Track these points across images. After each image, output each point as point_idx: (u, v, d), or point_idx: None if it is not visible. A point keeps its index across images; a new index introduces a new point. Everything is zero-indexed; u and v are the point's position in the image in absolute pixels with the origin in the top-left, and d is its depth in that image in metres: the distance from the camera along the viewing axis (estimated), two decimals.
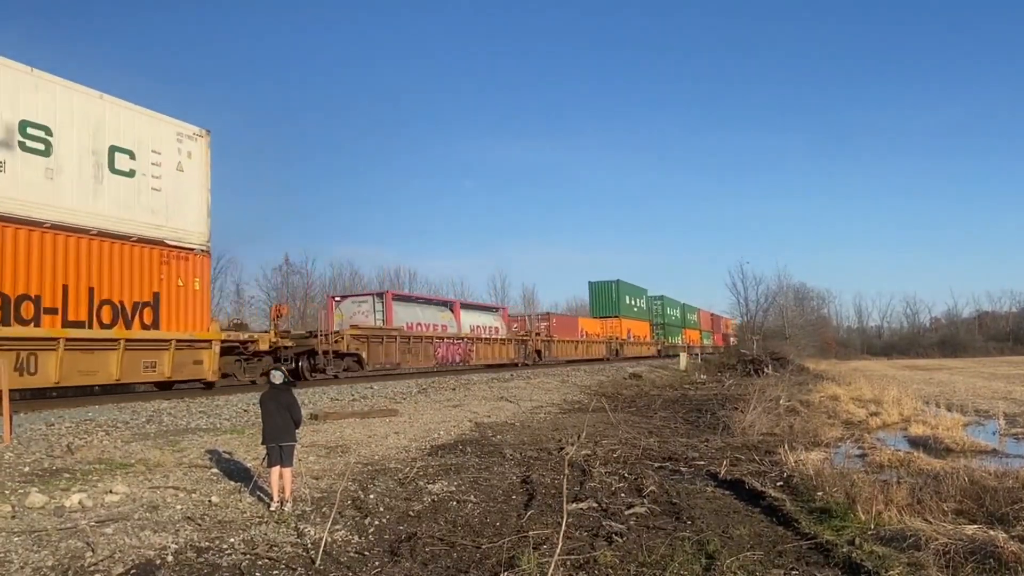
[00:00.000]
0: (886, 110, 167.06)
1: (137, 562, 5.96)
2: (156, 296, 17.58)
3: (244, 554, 6.33)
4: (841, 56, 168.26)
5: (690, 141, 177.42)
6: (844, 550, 6.38)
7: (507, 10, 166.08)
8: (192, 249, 18.74)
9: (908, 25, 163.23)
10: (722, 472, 10.41)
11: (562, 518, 6.91)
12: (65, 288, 15.50)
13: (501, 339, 40.67)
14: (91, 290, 16.07)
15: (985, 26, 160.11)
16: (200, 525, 7.08)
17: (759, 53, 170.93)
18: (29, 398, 16.62)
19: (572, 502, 8.32)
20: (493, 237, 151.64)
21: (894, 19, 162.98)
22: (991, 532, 6.48)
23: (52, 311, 15.20)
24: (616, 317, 57.11)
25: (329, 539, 6.72)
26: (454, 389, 22.89)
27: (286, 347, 23.15)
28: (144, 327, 17.16)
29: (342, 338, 26.53)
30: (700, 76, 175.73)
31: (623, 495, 9.17)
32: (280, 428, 7.76)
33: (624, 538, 7.07)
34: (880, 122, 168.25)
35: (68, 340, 15.24)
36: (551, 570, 5.76)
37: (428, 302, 37.86)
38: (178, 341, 17.92)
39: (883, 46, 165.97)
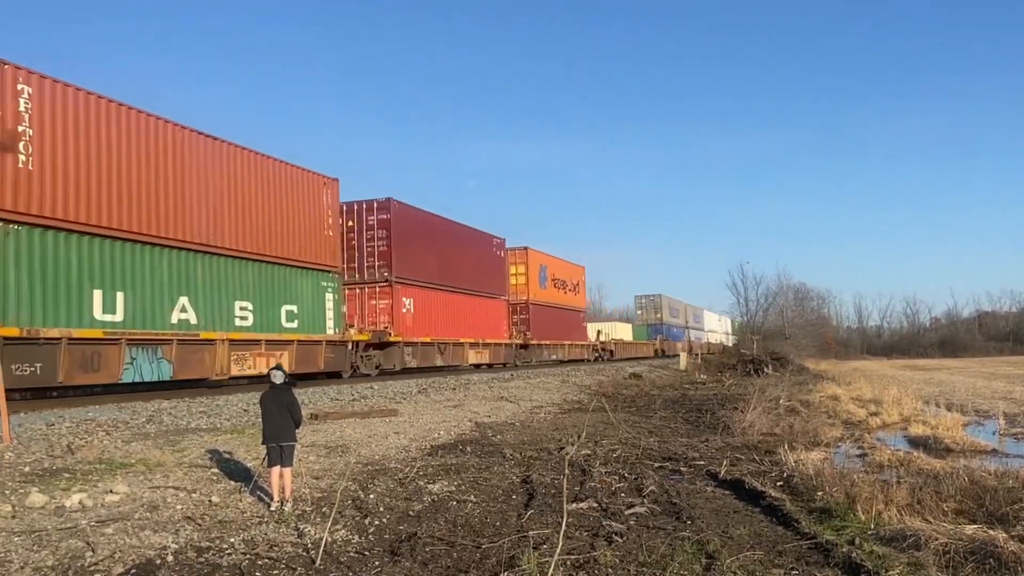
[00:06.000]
0: (886, 111, 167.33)
1: (137, 562, 5.96)
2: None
3: (244, 554, 6.33)
4: (842, 58, 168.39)
5: (691, 142, 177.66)
6: (844, 550, 6.37)
7: (510, 11, 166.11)
8: None
9: (908, 26, 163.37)
10: (722, 472, 10.41)
11: (562, 518, 6.90)
12: None
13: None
14: None
15: (985, 28, 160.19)
16: (200, 525, 7.08)
17: (760, 55, 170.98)
18: (29, 398, 16.64)
19: (572, 502, 8.31)
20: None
21: (894, 20, 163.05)
22: (991, 532, 6.47)
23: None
24: None
25: (329, 539, 6.72)
26: (454, 389, 22.88)
27: None
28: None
29: None
30: (701, 78, 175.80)
31: (623, 495, 9.17)
32: (280, 428, 7.76)
33: (624, 538, 7.06)
34: (880, 123, 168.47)
35: None
36: (551, 570, 5.76)
37: None
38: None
39: (883, 47, 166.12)
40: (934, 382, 34.41)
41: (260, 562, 6.16)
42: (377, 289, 28.92)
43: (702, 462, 11.52)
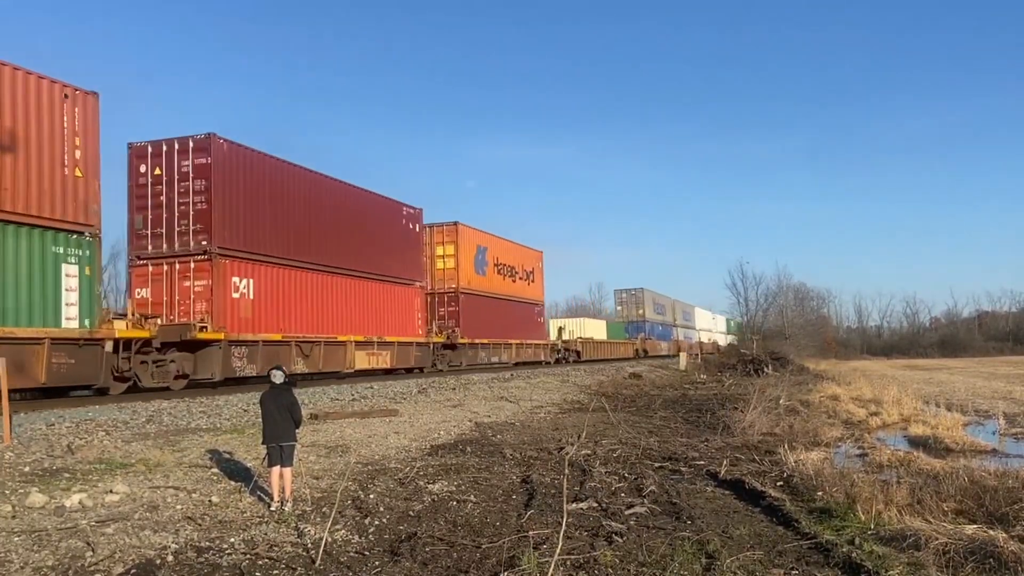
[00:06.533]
0: (886, 110, 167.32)
1: (137, 562, 5.96)
2: None
3: (244, 554, 6.33)
4: (841, 59, 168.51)
5: (691, 143, 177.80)
6: (844, 550, 6.37)
7: (511, 12, 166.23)
8: None
9: (906, 28, 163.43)
10: (722, 472, 10.41)
11: (562, 518, 6.90)
12: None
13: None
14: None
15: (984, 29, 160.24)
16: (200, 525, 7.08)
17: (759, 54, 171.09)
18: (30, 398, 16.63)
19: (572, 502, 8.31)
20: None
21: (892, 22, 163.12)
22: (991, 532, 6.47)
23: None
24: None
25: (329, 539, 6.72)
26: (454, 389, 22.89)
27: None
28: None
29: None
30: (701, 79, 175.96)
31: (623, 495, 9.17)
32: (280, 428, 7.77)
33: (624, 538, 7.07)
34: (880, 122, 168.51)
35: None
36: (551, 570, 5.76)
37: None
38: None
39: (882, 49, 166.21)
40: (934, 382, 34.40)
41: (260, 562, 6.16)
42: (192, 265, 20.56)
43: (702, 462, 11.52)
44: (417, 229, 32.01)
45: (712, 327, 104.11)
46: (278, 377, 7.97)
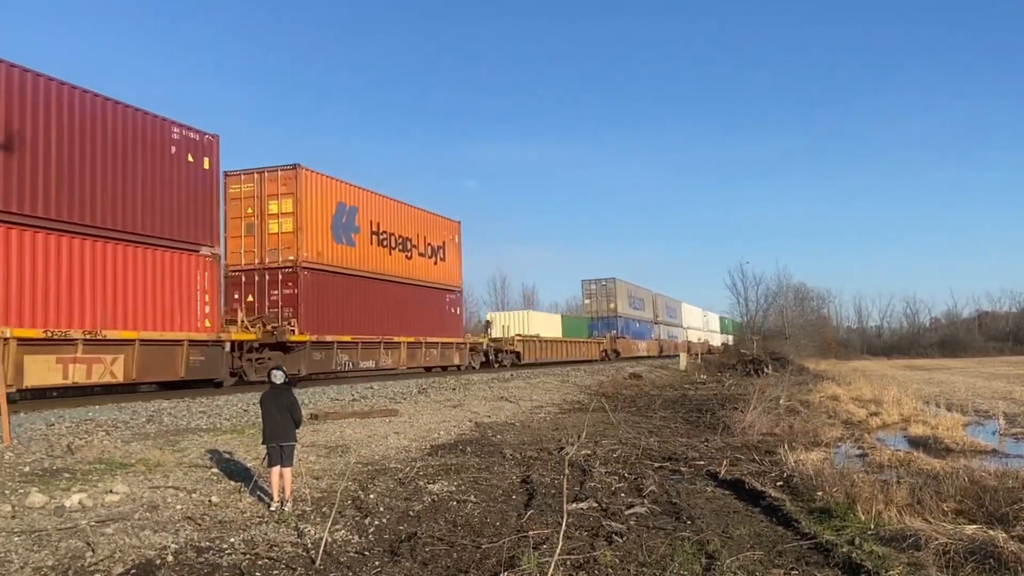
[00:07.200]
0: (886, 110, 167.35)
1: (137, 562, 5.96)
2: None
3: (244, 554, 6.33)
4: (841, 59, 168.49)
5: (692, 143, 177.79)
6: (844, 550, 6.38)
7: (511, 12, 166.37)
8: None
9: (906, 28, 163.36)
10: (722, 472, 10.41)
11: (562, 518, 6.90)
12: None
13: None
14: None
15: (984, 29, 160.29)
16: (200, 525, 7.08)
17: (758, 54, 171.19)
18: (29, 398, 16.64)
19: (572, 502, 8.31)
20: (494, 237, 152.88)
21: (893, 22, 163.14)
22: (991, 532, 6.47)
23: None
24: None
25: (329, 539, 6.72)
26: (454, 389, 22.89)
27: None
28: None
29: None
30: (701, 79, 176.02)
31: (623, 495, 9.17)
32: (280, 428, 7.77)
33: (624, 538, 7.07)
34: (880, 122, 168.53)
35: None
36: (551, 570, 5.76)
37: None
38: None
39: (882, 49, 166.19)
40: (934, 382, 34.40)
41: (260, 562, 6.16)
42: None
43: (702, 462, 11.52)
44: (207, 165, 20.65)
45: (703, 325, 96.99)
46: (278, 377, 7.99)
